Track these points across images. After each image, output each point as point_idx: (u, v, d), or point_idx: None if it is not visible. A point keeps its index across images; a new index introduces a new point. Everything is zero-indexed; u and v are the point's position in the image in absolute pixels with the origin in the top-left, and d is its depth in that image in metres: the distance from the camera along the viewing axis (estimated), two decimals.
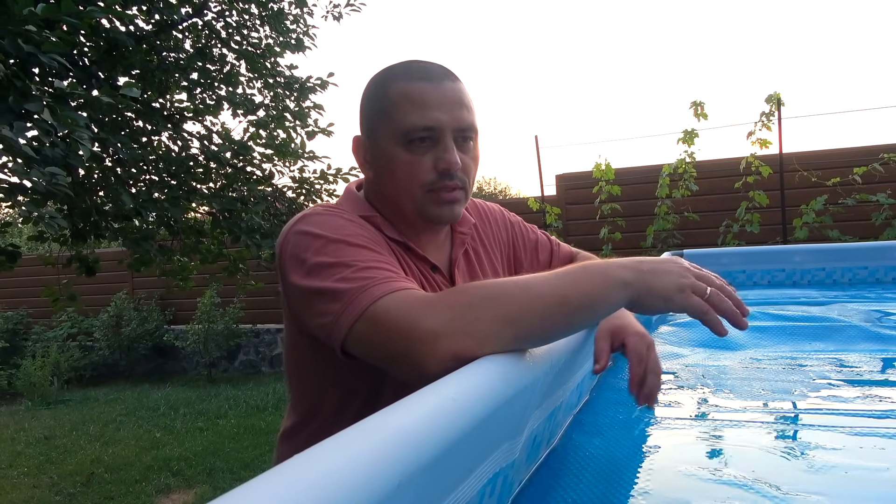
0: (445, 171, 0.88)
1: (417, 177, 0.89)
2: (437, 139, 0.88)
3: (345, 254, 0.79)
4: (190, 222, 3.78)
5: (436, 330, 0.68)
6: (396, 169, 0.89)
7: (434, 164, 0.88)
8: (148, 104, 3.53)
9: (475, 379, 0.53)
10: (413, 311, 0.70)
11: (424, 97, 0.87)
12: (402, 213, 0.94)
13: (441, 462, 0.40)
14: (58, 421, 5.66)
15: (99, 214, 3.26)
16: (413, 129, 0.87)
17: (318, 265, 0.79)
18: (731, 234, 4.85)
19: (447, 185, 0.89)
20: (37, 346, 7.54)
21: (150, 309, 7.86)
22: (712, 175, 5.22)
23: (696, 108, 4.99)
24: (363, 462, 0.33)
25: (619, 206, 5.26)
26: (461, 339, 0.66)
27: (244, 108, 3.98)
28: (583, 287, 0.70)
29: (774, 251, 2.76)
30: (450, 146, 0.88)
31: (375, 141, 0.92)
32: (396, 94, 0.89)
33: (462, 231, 1.04)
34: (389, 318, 0.71)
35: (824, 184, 4.73)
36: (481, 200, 1.17)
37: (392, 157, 0.89)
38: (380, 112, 0.90)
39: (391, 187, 0.92)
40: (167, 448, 4.64)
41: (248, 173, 3.99)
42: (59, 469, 4.33)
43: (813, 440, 0.72)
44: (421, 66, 0.91)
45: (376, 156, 0.92)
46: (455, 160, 0.87)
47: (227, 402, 5.90)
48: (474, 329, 0.67)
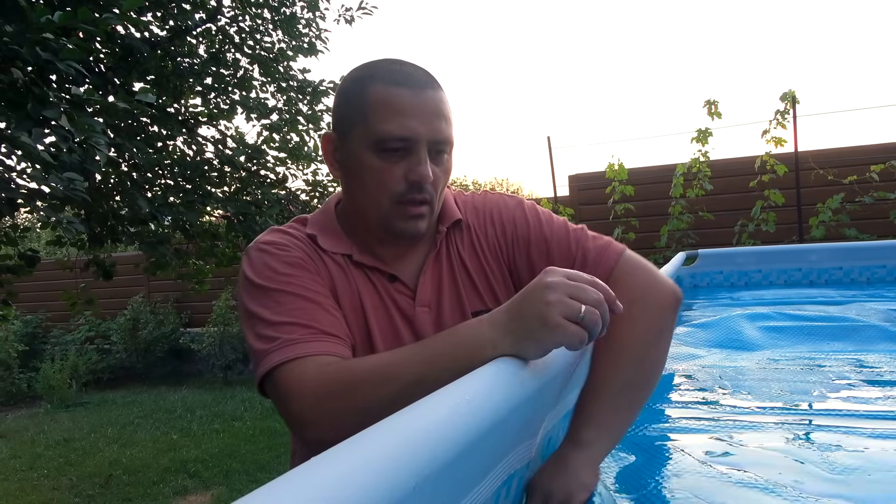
0: (416, 184, 0.85)
1: (386, 185, 0.86)
2: (412, 150, 0.84)
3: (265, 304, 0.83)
4: (205, 226, 3.81)
5: (302, 417, 0.74)
6: (365, 174, 0.87)
7: (405, 174, 0.85)
8: (163, 109, 3.56)
9: (490, 381, 0.53)
10: (290, 393, 0.76)
11: (403, 105, 0.84)
12: (366, 219, 0.92)
13: (456, 464, 0.40)
14: (76, 423, 5.72)
15: (115, 219, 3.30)
16: (388, 137, 0.83)
17: (245, 311, 0.85)
18: (746, 234, 4.81)
19: (415, 198, 0.86)
20: (55, 350, 7.63)
21: (166, 312, 7.92)
22: (727, 174, 5.18)
23: (709, 106, 4.96)
24: (379, 465, 0.33)
25: (633, 206, 5.23)
26: (319, 428, 0.73)
27: (258, 112, 4.01)
28: (440, 363, 0.68)
29: (791, 250, 2.73)
30: (423, 158, 0.84)
31: (348, 142, 0.89)
32: (375, 97, 0.85)
33: (439, 229, 0.96)
34: (276, 391, 0.78)
35: (841, 182, 4.67)
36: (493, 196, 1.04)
37: (362, 161, 0.86)
38: (355, 113, 0.87)
39: (357, 192, 0.90)
40: (184, 450, 4.67)
41: (262, 177, 4.02)
42: (78, 471, 4.38)
43: (834, 442, 0.71)
44: (403, 69, 0.87)
45: (346, 157, 0.90)
46: (427, 173, 0.84)
47: (242, 405, 5.94)
48: (331, 420, 0.72)
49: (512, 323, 0.66)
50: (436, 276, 0.94)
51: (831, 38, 46.77)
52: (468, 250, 0.97)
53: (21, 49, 2.15)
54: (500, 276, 0.97)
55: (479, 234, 0.99)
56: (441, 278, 0.94)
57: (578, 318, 0.62)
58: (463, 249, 0.97)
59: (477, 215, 1.00)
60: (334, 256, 0.91)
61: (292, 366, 0.76)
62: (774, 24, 47.00)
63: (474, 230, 0.99)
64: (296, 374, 0.76)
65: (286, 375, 0.76)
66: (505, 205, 1.01)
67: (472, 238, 0.98)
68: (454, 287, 0.94)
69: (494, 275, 0.97)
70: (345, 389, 0.72)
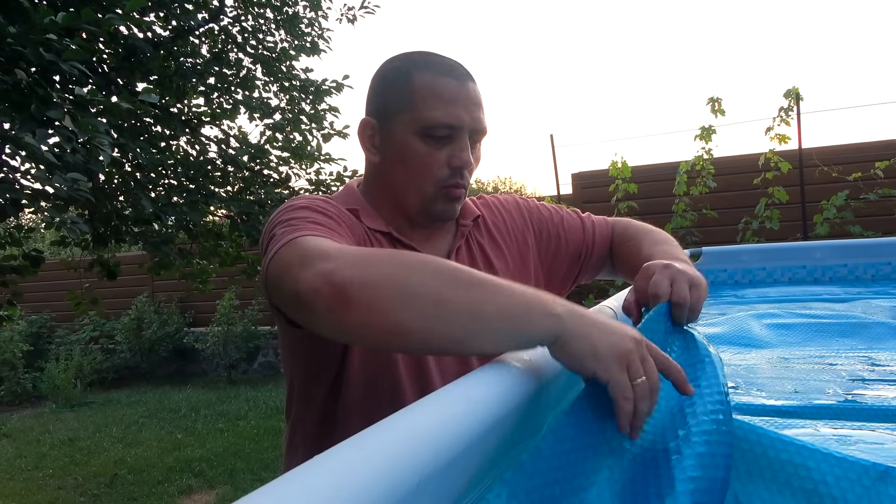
0: (458, 169, 0.89)
1: (431, 170, 0.89)
2: (455, 137, 0.89)
3: (300, 214, 0.81)
4: (208, 226, 3.81)
5: (327, 250, 0.65)
6: (410, 159, 0.90)
7: (448, 160, 0.89)
8: (166, 109, 3.57)
9: (493, 378, 0.53)
10: (324, 242, 0.69)
11: (450, 94, 0.88)
12: (401, 203, 0.94)
13: (459, 461, 0.40)
14: (81, 423, 5.74)
15: (119, 219, 3.30)
16: (437, 123, 0.87)
17: (275, 223, 0.82)
18: (750, 231, 4.80)
19: (457, 182, 0.90)
20: (60, 350, 7.66)
21: (170, 312, 7.94)
22: (730, 171, 5.17)
23: (713, 104, 4.94)
24: (382, 462, 0.33)
25: (636, 204, 5.23)
26: (343, 261, 0.61)
27: (260, 111, 4.01)
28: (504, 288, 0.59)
29: (795, 248, 2.71)
30: (466, 145, 0.89)
31: (389, 128, 0.91)
32: (423, 85, 0.88)
33: (463, 223, 1.02)
34: (301, 244, 0.70)
35: (845, 179, 4.66)
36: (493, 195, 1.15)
37: (407, 146, 0.89)
38: (401, 100, 0.90)
39: (400, 176, 0.92)
40: (189, 449, 4.68)
41: (266, 176, 4.02)
42: (83, 470, 4.39)
43: (852, 440, 0.70)
44: (446, 61, 0.92)
45: (387, 142, 0.92)
46: (470, 160, 0.89)
47: (246, 404, 5.95)
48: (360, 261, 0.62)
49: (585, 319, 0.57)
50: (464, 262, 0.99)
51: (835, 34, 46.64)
52: (488, 241, 1.05)
53: (24, 50, 2.15)
54: (519, 258, 1.06)
55: (497, 224, 1.07)
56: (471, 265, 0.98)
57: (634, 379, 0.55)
58: (483, 240, 1.04)
59: (491, 210, 1.10)
60: (375, 234, 0.93)
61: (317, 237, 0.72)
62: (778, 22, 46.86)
63: (491, 222, 1.07)
64: (320, 238, 0.72)
65: (306, 238, 0.71)
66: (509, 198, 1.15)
67: (490, 228, 1.06)
68: None
69: (514, 259, 1.06)
70: (392, 253, 0.66)
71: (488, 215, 1.08)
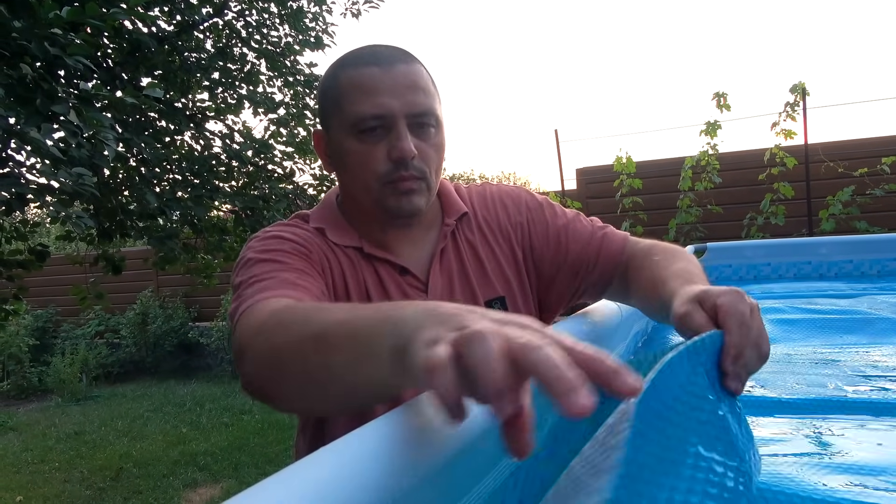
0: (399, 160, 0.82)
1: (370, 168, 0.84)
2: (390, 126, 0.82)
3: (245, 273, 0.80)
4: (213, 220, 3.82)
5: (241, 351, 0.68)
6: (350, 161, 0.85)
7: (388, 152, 0.83)
8: (170, 104, 3.57)
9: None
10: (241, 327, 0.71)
11: (373, 82, 0.82)
12: (364, 208, 0.90)
13: (461, 458, 0.40)
14: (87, 417, 5.77)
15: (124, 214, 3.31)
16: (362, 117, 0.82)
17: (233, 285, 0.83)
18: (755, 227, 4.78)
19: (402, 175, 0.83)
20: (66, 344, 7.69)
21: (174, 307, 7.96)
22: (736, 167, 5.14)
23: (718, 99, 4.92)
24: (386, 457, 0.33)
25: (641, 199, 5.21)
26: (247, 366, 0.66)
27: (265, 106, 4.01)
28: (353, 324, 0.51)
29: (800, 243, 2.70)
30: (403, 133, 0.82)
31: (331, 133, 0.88)
32: (345, 81, 0.84)
33: (447, 222, 0.95)
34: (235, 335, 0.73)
35: (851, 174, 4.63)
36: (498, 184, 1.05)
37: (345, 149, 0.85)
38: (331, 103, 0.86)
39: (348, 181, 0.89)
40: (193, 443, 4.70)
41: (270, 171, 4.03)
42: (88, 464, 4.42)
43: (852, 436, 0.70)
44: (372, 50, 0.86)
45: (333, 149, 0.89)
46: (408, 147, 0.81)
47: (251, 398, 5.97)
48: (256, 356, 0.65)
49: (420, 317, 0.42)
50: (446, 269, 0.93)
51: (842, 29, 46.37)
52: (479, 238, 0.97)
53: (29, 44, 2.16)
54: (511, 258, 0.97)
55: (488, 219, 0.98)
56: (452, 271, 0.93)
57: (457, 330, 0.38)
58: (474, 239, 0.96)
59: (485, 203, 1.00)
60: (346, 250, 0.90)
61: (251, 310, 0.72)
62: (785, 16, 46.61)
63: (483, 218, 0.98)
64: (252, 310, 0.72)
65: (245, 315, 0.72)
66: (513, 190, 1.03)
67: (482, 225, 0.98)
68: (465, 279, 0.94)
69: (507, 258, 0.97)
70: (275, 324, 0.64)
71: (481, 209, 0.99)
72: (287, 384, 0.60)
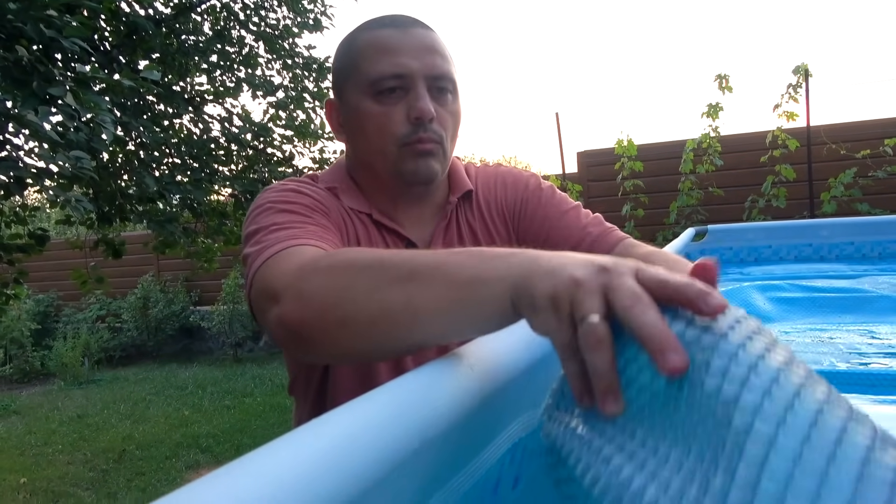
0: (419, 121, 0.80)
1: (389, 129, 0.81)
2: (409, 87, 0.81)
3: (263, 220, 0.76)
4: (213, 204, 3.82)
5: (276, 290, 0.63)
6: (367, 123, 0.83)
7: (406, 114, 0.81)
8: (169, 87, 3.55)
9: (493, 347, 0.53)
10: (274, 268, 0.66)
11: (393, 43, 0.81)
12: (377, 176, 0.87)
13: (458, 429, 0.40)
14: (90, 400, 5.80)
15: (124, 198, 3.31)
16: (381, 76, 0.80)
17: (246, 234, 0.78)
18: (756, 210, 4.77)
19: (420, 137, 0.81)
20: (67, 328, 7.72)
21: (175, 291, 7.98)
22: (737, 149, 5.12)
23: (720, 80, 4.89)
24: (380, 426, 0.33)
25: (642, 182, 5.19)
26: (288, 304, 0.60)
27: (263, 89, 3.99)
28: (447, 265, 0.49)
29: (801, 225, 2.70)
30: (422, 94, 0.80)
31: (345, 99, 0.86)
32: (363, 43, 0.83)
33: (450, 200, 0.93)
34: (261, 278, 0.67)
35: (853, 156, 4.61)
36: (511, 167, 1.03)
37: (361, 111, 0.83)
38: (347, 66, 0.84)
39: (363, 146, 0.86)
40: (196, 426, 4.73)
41: (269, 155, 4.02)
42: (92, 446, 4.45)
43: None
44: (389, 16, 0.85)
45: (347, 115, 0.86)
46: (428, 108, 0.80)
47: (252, 381, 6.00)
48: (302, 294, 0.59)
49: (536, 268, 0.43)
50: (447, 246, 0.92)
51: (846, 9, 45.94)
52: (477, 219, 0.95)
53: (25, 26, 2.14)
54: (506, 238, 0.96)
55: (488, 199, 0.97)
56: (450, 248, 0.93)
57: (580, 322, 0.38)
58: (472, 217, 0.95)
59: (486, 179, 0.99)
60: (359, 215, 0.88)
61: (290, 251, 0.68)
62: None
63: (483, 197, 0.97)
64: (290, 254, 0.68)
65: (279, 258, 0.67)
66: (520, 172, 1.01)
67: (481, 205, 0.96)
68: None
69: (502, 238, 0.95)
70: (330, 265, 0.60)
71: (483, 189, 0.97)
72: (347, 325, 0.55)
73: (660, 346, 0.35)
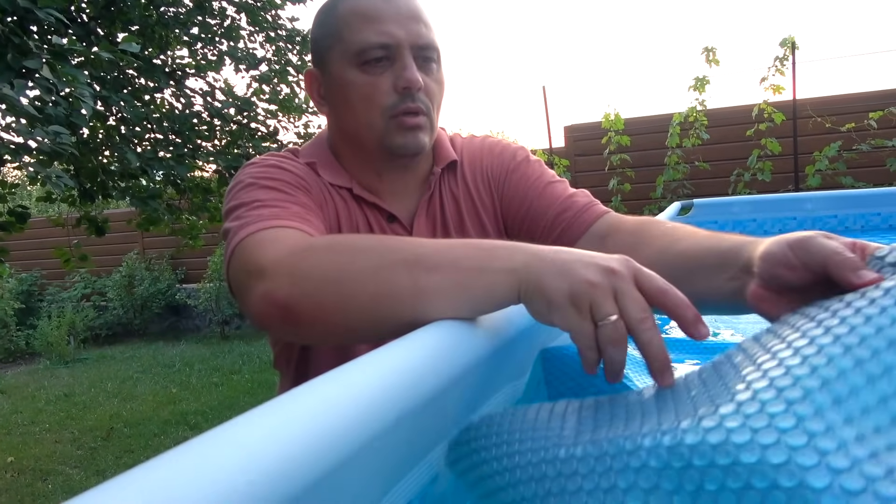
0: (406, 91, 0.79)
1: (376, 100, 0.80)
2: (395, 57, 0.79)
3: (245, 196, 0.74)
4: (197, 180, 3.77)
5: (264, 266, 0.61)
6: (352, 94, 0.81)
7: (393, 84, 0.79)
8: (149, 61, 3.48)
9: (474, 320, 0.52)
10: (261, 246, 0.64)
11: (377, 11, 0.79)
12: (362, 148, 0.86)
13: (440, 399, 0.40)
14: (76, 379, 5.78)
15: (105, 174, 3.26)
16: (367, 46, 0.79)
17: (226, 209, 0.76)
18: (742, 183, 4.79)
19: (409, 107, 0.80)
20: (52, 307, 7.66)
21: (161, 268, 7.93)
22: (724, 123, 5.12)
23: (707, 53, 4.87)
24: (360, 396, 0.32)
25: (629, 156, 5.19)
26: (277, 280, 0.58)
27: (246, 62, 3.92)
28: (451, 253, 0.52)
29: (785, 199, 2.71)
30: (409, 63, 0.79)
31: (328, 69, 0.84)
32: (346, 11, 0.81)
33: (433, 171, 0.92)
34: (244, 253, 0.66)
35: (838, 130, 4.63)
36: (497, 139, 1.01)
37: (347, 81, 0.81)
38: (329, 35, 0.82)
39: (348, 118, 0.84)
40: (184, 403, 4.74)
41: (253, 130, 3.96)
42: (79, 424, 4.44)
43: None
44: None
45: (330, 87, 0.84)
46: (416, 77, 0.79)
47: (240, 358, 6.00)
48: (295, 272, 0.58)
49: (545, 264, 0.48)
50: (430, 218, 0.91)
51: None
52: (462, 190, 0.94)
53: None
54: (490, 209, 0.94)
55: (473, 169, 0.96)
56: (435, 221, 0.91)
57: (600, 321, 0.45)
58: (456, 187, 0.94)
59: (472, 149, 0.97)
60: (339, 190, 0.87)
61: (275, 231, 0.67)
62: None
63: (468, 167, 0.96)
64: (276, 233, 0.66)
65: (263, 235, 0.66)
66: (508, 143, 1.00)
67: (466, 175, 0.95)
68: (445, 231, 0.92)
69: (486, 209, 0.94)
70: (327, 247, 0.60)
71: (467, 157, 0.96)
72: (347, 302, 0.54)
73: (661, 367, 0.44)
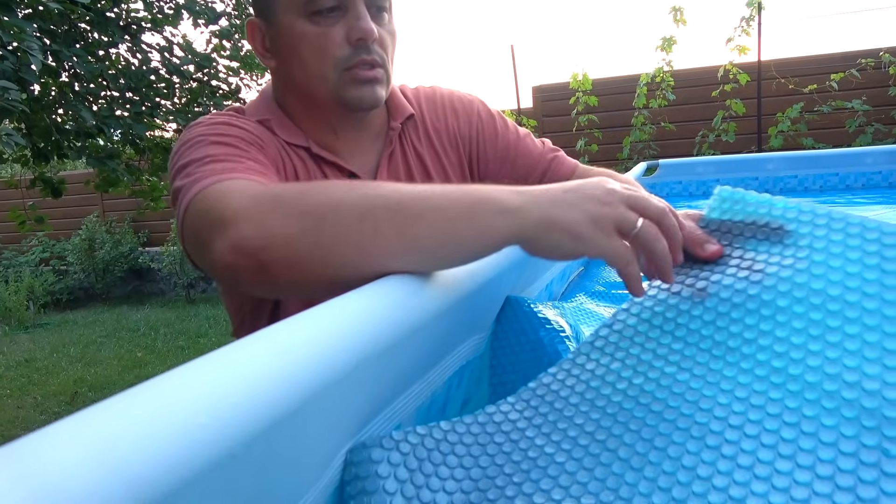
0: (361, 42, 0.76)
1: (328, 52, 0.76)
2: (346, 7, 0.76)
3: (195, 153, 0.69)
4: (157, 140, 3.66)
5: (227, 217, 0.55)
6: (302, 47, 0.77)
7: (346, 35, 0.76)
8: (102, 14, 3.33)
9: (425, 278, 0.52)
10: (223, 196, 0.59)
11: None
12: (314, 104, 0.82)
13: (402, 347, 0.39)
14: (37, 344, 5.67)
15: (60, 133, 3.14)
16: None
17: (175, 168, 0.71)
18: (706, 144, 4.85)
19: (364, 59, 0.77)
20: (9, 272, 7.45)
21: (123, 231, 7.75)
22: (690, 84, 5.15)
23: (675, 13, 4.86)
24: (319, 340, 0.32)
25: (597, 117, 5.20)
26: (246, 226, 0.53)
27: (205, 17, 3.78)
28: (435, 200, 0.49)
29: (747, 160, 2.77)
30: (362, 13, 0.75)
31: (274, 19, 0.78)
32: None
33: (393, 125, 0.88)
34: (202, 206, 0.61)
35: (801, 91, 4.69)
36: (449, 89, 0.99)
37: (296, 33, 0.76)
38: None
39: (299, 72, 0.79)
40: (150, 367, 4.69)
41: (214, 87, 3.84)
42: (41, 390, 4.37)
43: None
44: None
45: (276, 38, 0.79)
46: (371, 28, 0.75)
47: (206, 322, 5.95)
48: (266, 217, 0.53)
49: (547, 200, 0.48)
50: (394, 175, 0.89)
51: None
52: (425, 144, 0.92)
53: None
54: (458, 167, 0.93)
55: (435, 123, 0.93)
56: (399, 177, 0.89)
57: (632, 231, 0.47)
58: (419, 144, 0.91)
59: (433, 105, 0.95)
60: (296, 150, 0.83)
61: (235, 182, 0.61)
62: None
63: (431, 122, 0.93)
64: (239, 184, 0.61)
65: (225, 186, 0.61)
66: (465, 97, 0.98)
67: (429, 130, 0.93)
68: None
69: (453, 166, 0.93)
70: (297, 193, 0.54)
71: (429, 113, 0.93)
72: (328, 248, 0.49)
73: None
